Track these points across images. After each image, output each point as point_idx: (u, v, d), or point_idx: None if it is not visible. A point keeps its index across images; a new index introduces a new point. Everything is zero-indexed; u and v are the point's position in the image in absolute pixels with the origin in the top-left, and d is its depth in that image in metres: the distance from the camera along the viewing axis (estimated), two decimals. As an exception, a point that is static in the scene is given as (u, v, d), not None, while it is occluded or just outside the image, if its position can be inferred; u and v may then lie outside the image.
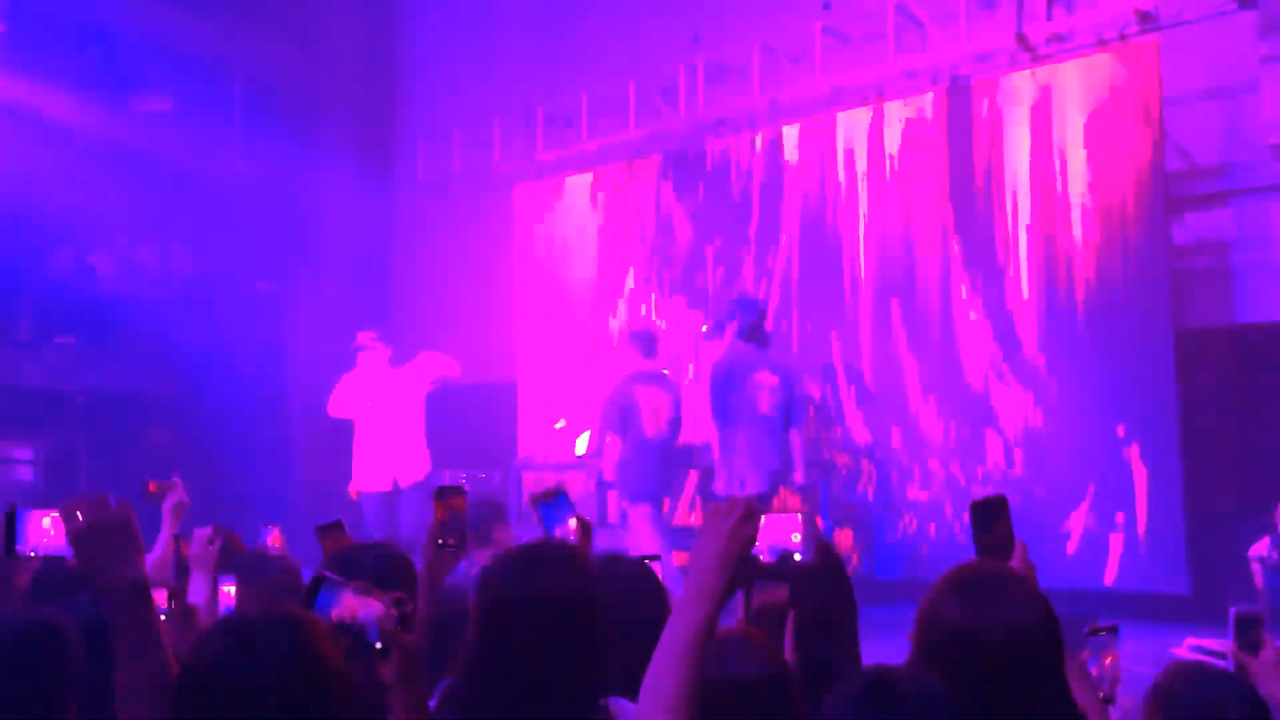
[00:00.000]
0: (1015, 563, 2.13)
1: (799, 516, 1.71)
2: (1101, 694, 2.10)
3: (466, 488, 2.74)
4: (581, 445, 8.64)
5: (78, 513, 1.71)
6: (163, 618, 2.40)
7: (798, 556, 1.70)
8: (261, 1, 11.11)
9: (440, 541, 2.63)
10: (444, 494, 2.72)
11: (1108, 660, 2.13)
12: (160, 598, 2.45)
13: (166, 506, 3.73)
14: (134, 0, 9.91)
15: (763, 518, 1.65)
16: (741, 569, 1.60)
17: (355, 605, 1.64)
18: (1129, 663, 2.23)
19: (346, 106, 11.97)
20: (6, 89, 9.10)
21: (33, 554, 1.80)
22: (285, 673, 1.41)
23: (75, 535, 1.72)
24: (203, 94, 10.61)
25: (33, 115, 9.27)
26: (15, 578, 2.72)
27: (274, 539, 4.02)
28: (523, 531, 7.47)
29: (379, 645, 1.64)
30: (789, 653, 2.21)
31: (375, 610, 1.65)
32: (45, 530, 1.81)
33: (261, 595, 2.81)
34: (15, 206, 9.43)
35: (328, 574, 1.70)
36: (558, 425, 8.18)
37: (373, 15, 12.20)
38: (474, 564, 4.12)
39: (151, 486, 3.76)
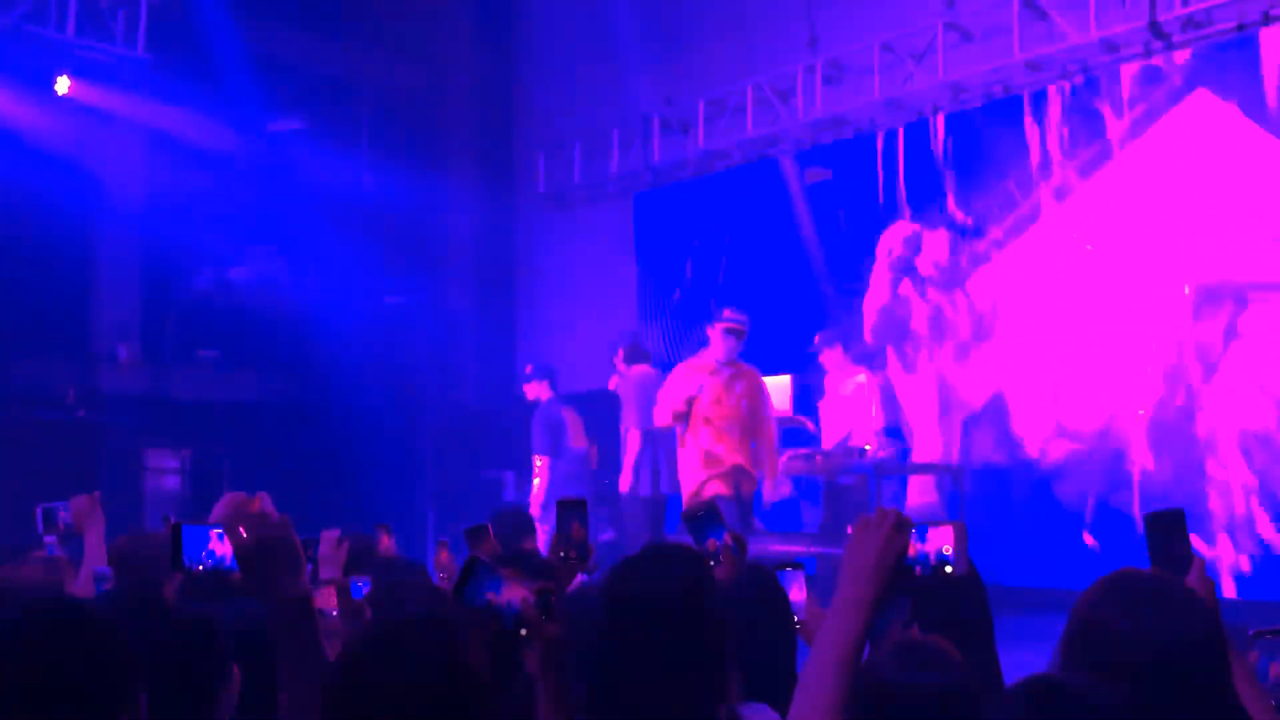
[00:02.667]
0: (1192, 578, 2.03)
1: (952, 527, 1.65)
2: (1274, 701, 1.99)
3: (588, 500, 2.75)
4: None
5: (241, 528, 1.75)
6: (334, 614, 2.46)
7: (950, 569, 1.64)
8: (385, 24, 11.41)
9: (562, 554, 2.65)
10: (565, 507, 2.73)
11: (1278, 665, 2.02)
12: (330, 596, 2.51)
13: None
14: (266, 26, 10.29)
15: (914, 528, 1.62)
16: (894, 580, 1.56)
17: (504, 591, 1.66)
18: None
19: (468, 122, 12.20)
20: (149, 114, 9.54)
21: (200, 568, 1.85)
22: (430, 677, 1.41)
23: (240, 551, 1.75)
24: (332, 114, 10.94)
25: (173, 139, 9.70)
26: (164, 588, 2.82)
27: (443, 556, 4.05)
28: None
29: (524, 632, 1.66)
30: None
31: (521, 598, 1.67)
32: (208, 544, 1.86)
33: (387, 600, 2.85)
34: (160, 227, 9.87)
35: (481, 559, 1.72)
36: None
37: (491, 32, 12.40)
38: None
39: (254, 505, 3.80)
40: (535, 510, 7.43)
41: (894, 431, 8.21)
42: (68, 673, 1.40)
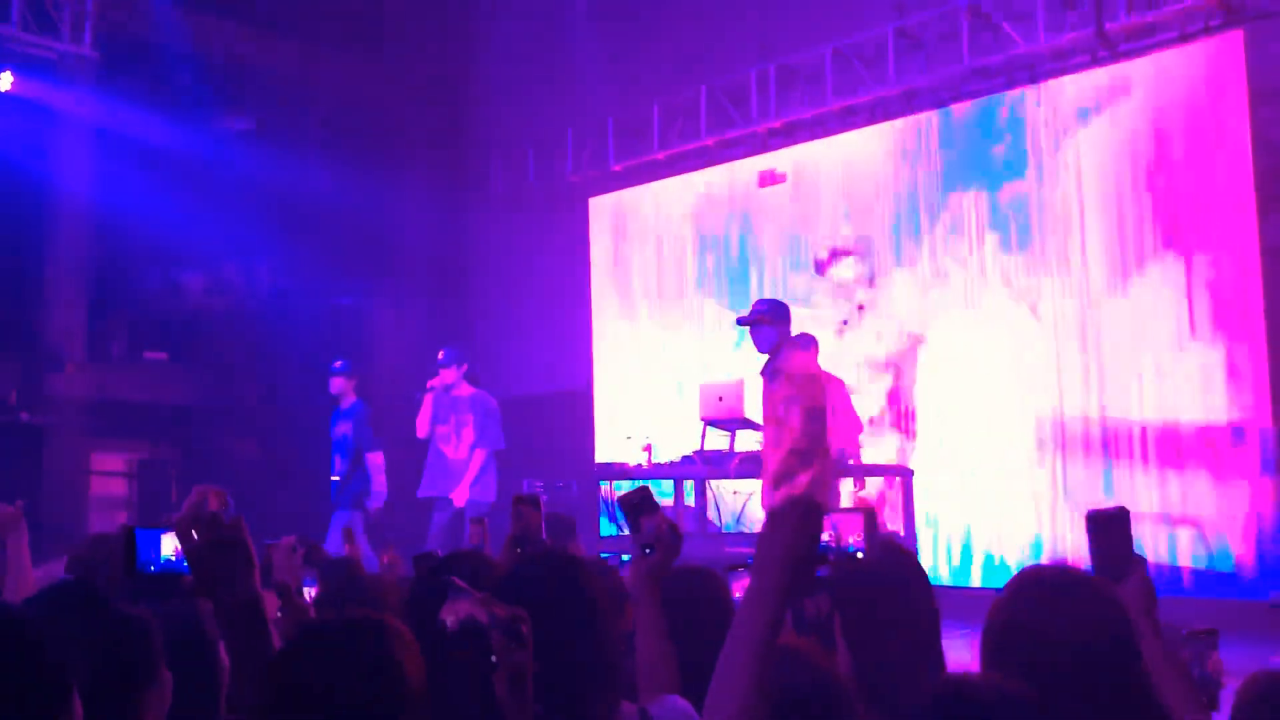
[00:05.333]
0: (1134, 579, 2.06)
1: (862, 516, 1.67)
2: (1206, 695, 2.03)
3: (543, 497, 2.75)
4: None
5: (193, 531, 1.75)
6: (278, 614, 2.45)
7: (860, 556, 1.66)
8: (339, 22, 11.32)
9: (518, 550, 2.64)
10: (520, 503, 2.72)
11: (1209, 665, 2.07)
12: (270, 600, 2.49)
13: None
14: (217, 24, 10.18)
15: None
16: (807, 569, 1.56)
17: (476, 614, 1.64)
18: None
19: (423, 122, 12.14)
20: (96, 113, 9.40)
21: (150, 569, 1.85)
22: (363, 679, 1.42)
23: (192, 553, 1.75)
24: (284, 114, 10.85)
25: (121, 138, 9.55)
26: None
27: (386, 558, 4.05)
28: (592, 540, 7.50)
29: (493, 659, 1.64)
30: (841, 657, 2.18)
31: (493, 624, 1.65)
32: (160, 547, 1.85)
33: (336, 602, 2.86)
34: (106, 227, 9.73)
35: (456, 581, 1.70)
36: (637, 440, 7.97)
37: (447, 32, 12.36)
38: None
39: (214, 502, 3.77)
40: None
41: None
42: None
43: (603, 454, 10.22)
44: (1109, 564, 2.12)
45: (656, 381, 10.08)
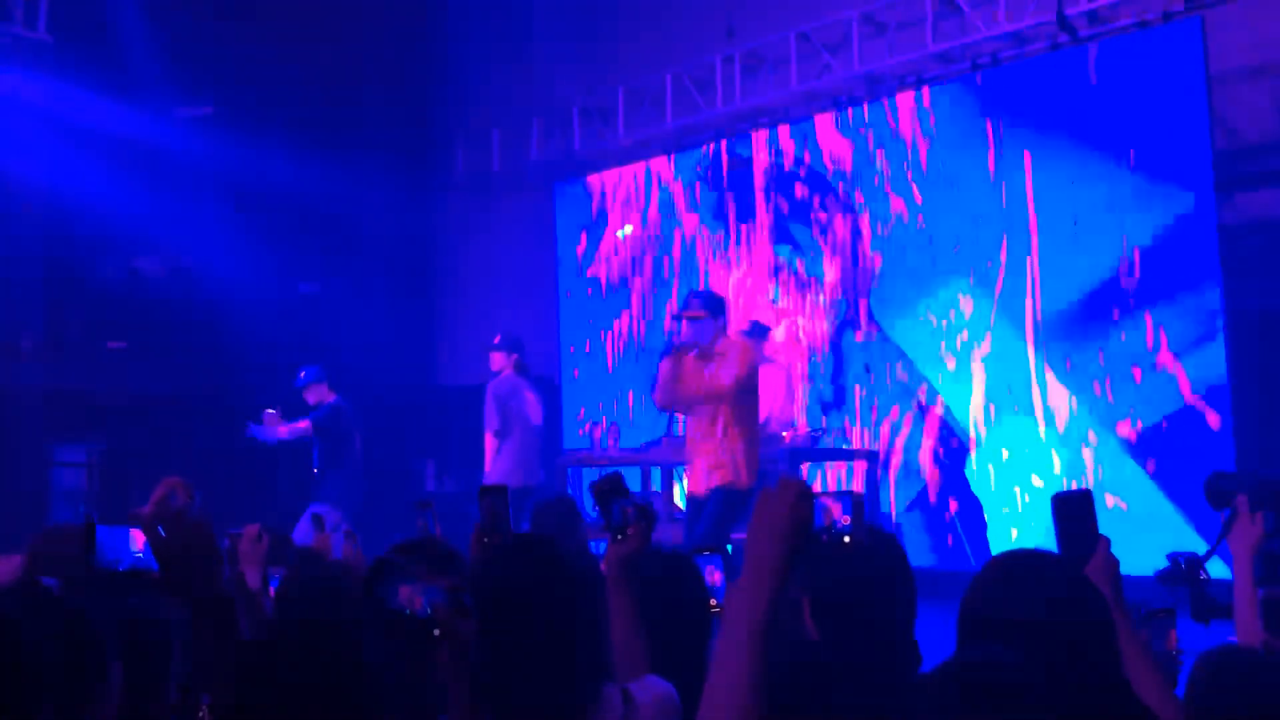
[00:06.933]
0: (1098, 559, 2.07)
1: (850, 498, 1.68)
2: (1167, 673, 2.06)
3: (509, 485, 2.75)
4: None
5: (159, 528, 1.74)
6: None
7: (847, 539, 1.67)
8: (299, 6, 11.18)
9: (485, 540, 2.63)
10: (486, 493, 2.71)
11: (1167, 643, 2.10)
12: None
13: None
14: (174, 6, 10.02)
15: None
16: (800, 550, 1.55)
17: (416, 591, 1.65)
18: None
19: (385, 108, 12.02)
20: (50, 97, 9.22)
21: (118, 565, 1.83)
22: (326, 678, 1.42)
23: (159, 550, 1.74)
24: (243, 98, 10.70)
25: (77, 123, 9.39)
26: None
27: (350, 548, 4.04)
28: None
29: (436, 632, 1.65)
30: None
31: (434, 597, 1.66)
32: (127, 543, 1.84)
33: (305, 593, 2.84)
34: (64, 214, 9.57)
35: (392, 558, 1.71)
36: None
37: (409, 17, 12.25)
38: None
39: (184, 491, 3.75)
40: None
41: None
42: None
43: (570, 440, 10.21)
44: (1074, 545, 2.14)
45: (624, 366, 10.08)
